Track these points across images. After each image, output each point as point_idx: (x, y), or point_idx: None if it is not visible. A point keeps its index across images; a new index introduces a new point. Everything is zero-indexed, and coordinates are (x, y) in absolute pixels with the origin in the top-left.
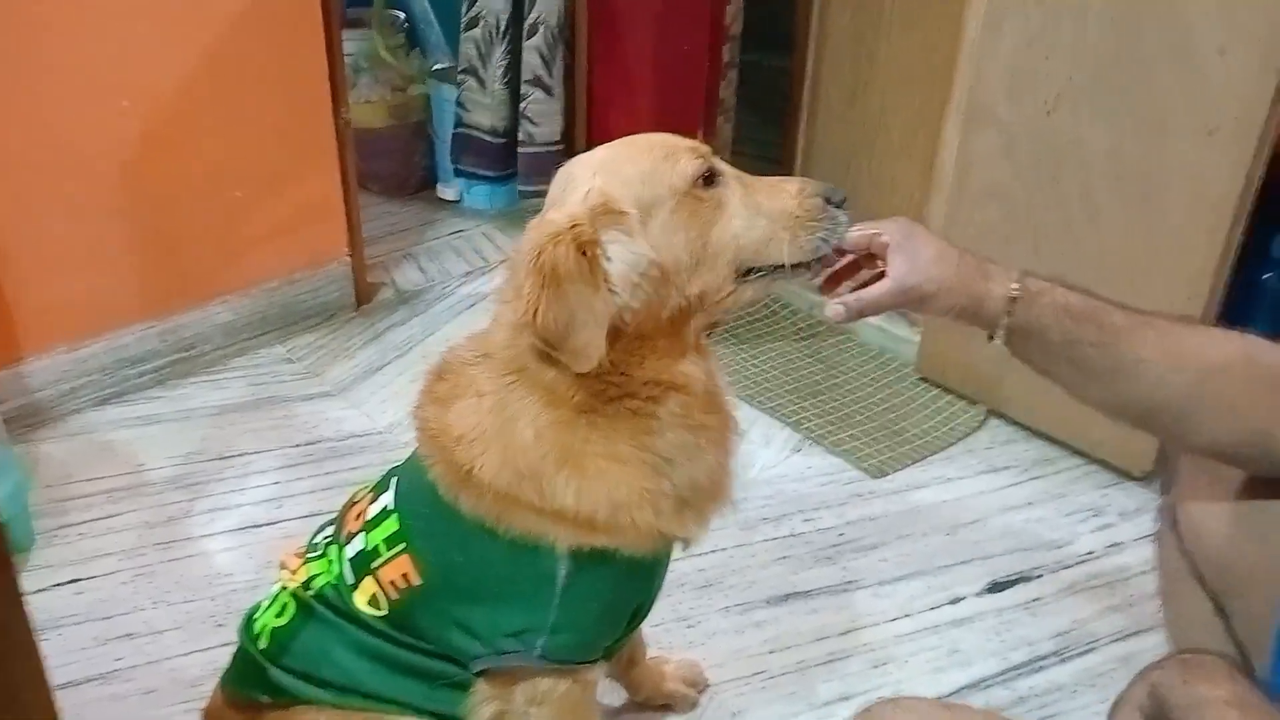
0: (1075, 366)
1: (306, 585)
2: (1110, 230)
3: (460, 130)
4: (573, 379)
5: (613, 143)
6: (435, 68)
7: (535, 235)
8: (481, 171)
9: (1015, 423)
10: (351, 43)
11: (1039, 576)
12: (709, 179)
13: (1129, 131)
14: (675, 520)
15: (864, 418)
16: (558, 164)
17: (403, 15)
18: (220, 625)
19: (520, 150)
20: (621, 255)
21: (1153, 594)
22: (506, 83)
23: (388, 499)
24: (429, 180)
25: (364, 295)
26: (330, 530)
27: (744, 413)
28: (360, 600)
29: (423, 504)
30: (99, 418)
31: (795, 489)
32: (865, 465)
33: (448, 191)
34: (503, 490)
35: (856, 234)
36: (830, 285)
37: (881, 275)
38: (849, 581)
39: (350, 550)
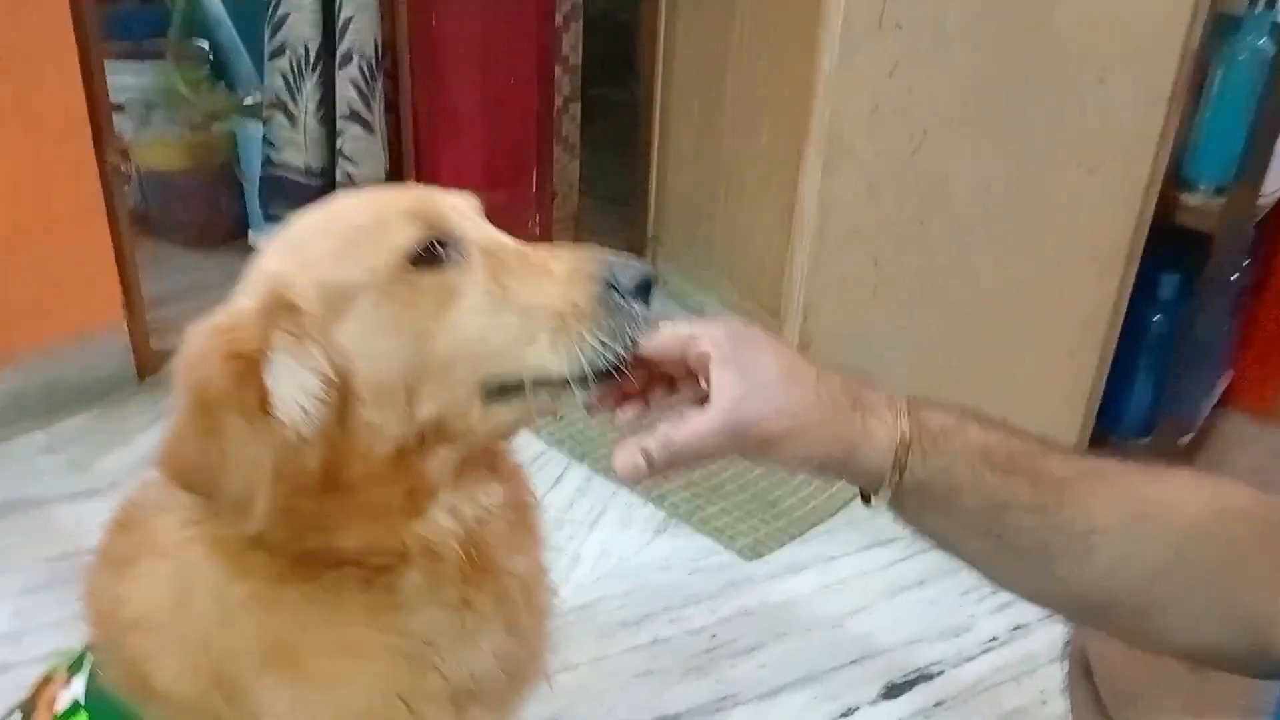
0: (998, 542)
1: None
2: (987, 276)
3: (270, 171)
4: (258, 538)
5: (330, 203)
6: (247, 102)
7: (189, 340)
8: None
9: None
10: (143, 76)
11: (939, 674)
12: (432, 256)
13: (1003, 168)
14: None
15: (735, 487)
16: None
17: (207, 45)
18: None
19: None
20: (289, 371)
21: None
22: (321, 118)
23: (79, 688)
24: (240, 228)
25: (147, 366)
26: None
27: (600, 487)
28: None
29: (111, 711)
30: None
31: (659, 581)
32: (737, 546)
33: (261, 240)
34: (190, 704)
35: (662, 338)
36: (629, 409)
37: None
38: (723, 697)
39: None
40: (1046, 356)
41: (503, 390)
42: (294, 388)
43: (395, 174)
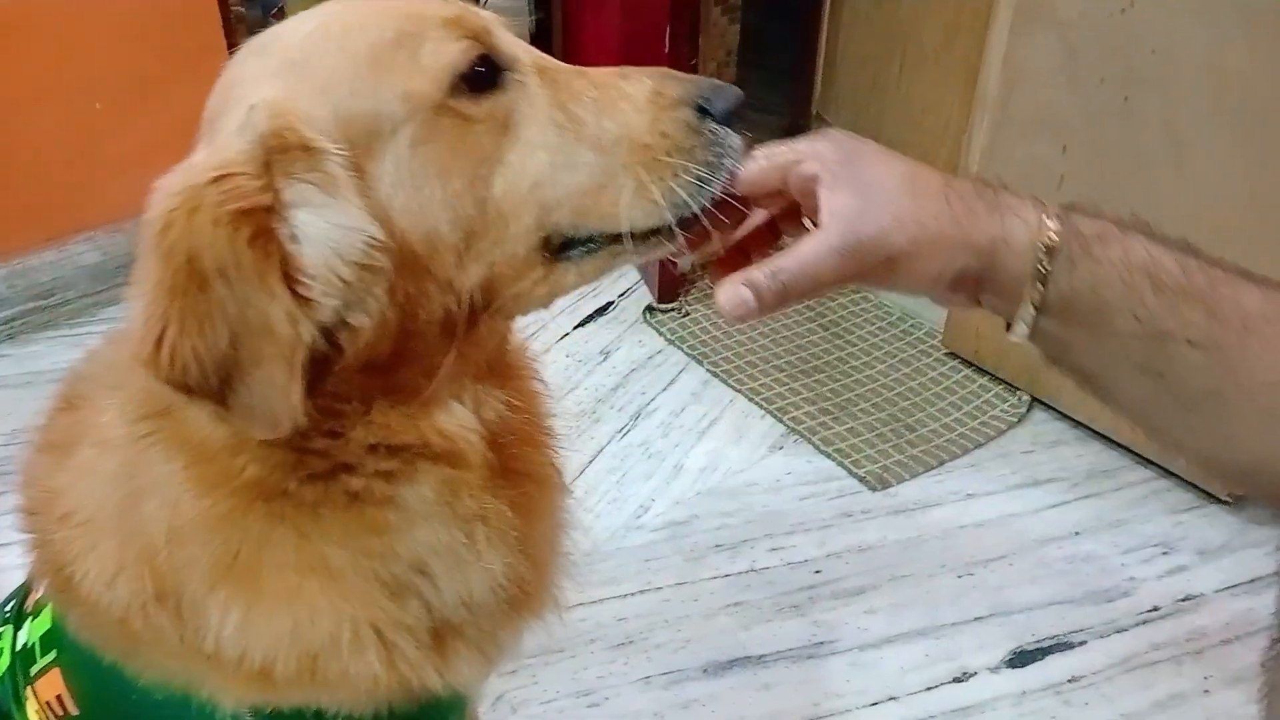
0: (1159, 382)
1: None
2: (1203, 174)
3: None
4: (244, 441)
5: (327, 8)
6: None
7: (164, 197)
8: None
9: (1066, 417)
10: None
11: (1081, 644)
12: (482, 77)
13: (1240, 35)
14: (431, 662)
15: (870, 405)
16: None
17: None
18: None
19: None
20: (317, 229)
21: (1241, 674)
22: None
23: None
24: None
25: None
26: (15, 600)
27: (714, 394)
28: (31, 714)
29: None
30: None
31: (766, 504)
32: (862, 472)
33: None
34: (116, 613)
35: (760, 166)
36: (722, 266)
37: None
38: (819, 643)
39: (20, 638)
40: (1274, 271)
41: (570, 243)
42: (327, 251)
43: (542, 35)
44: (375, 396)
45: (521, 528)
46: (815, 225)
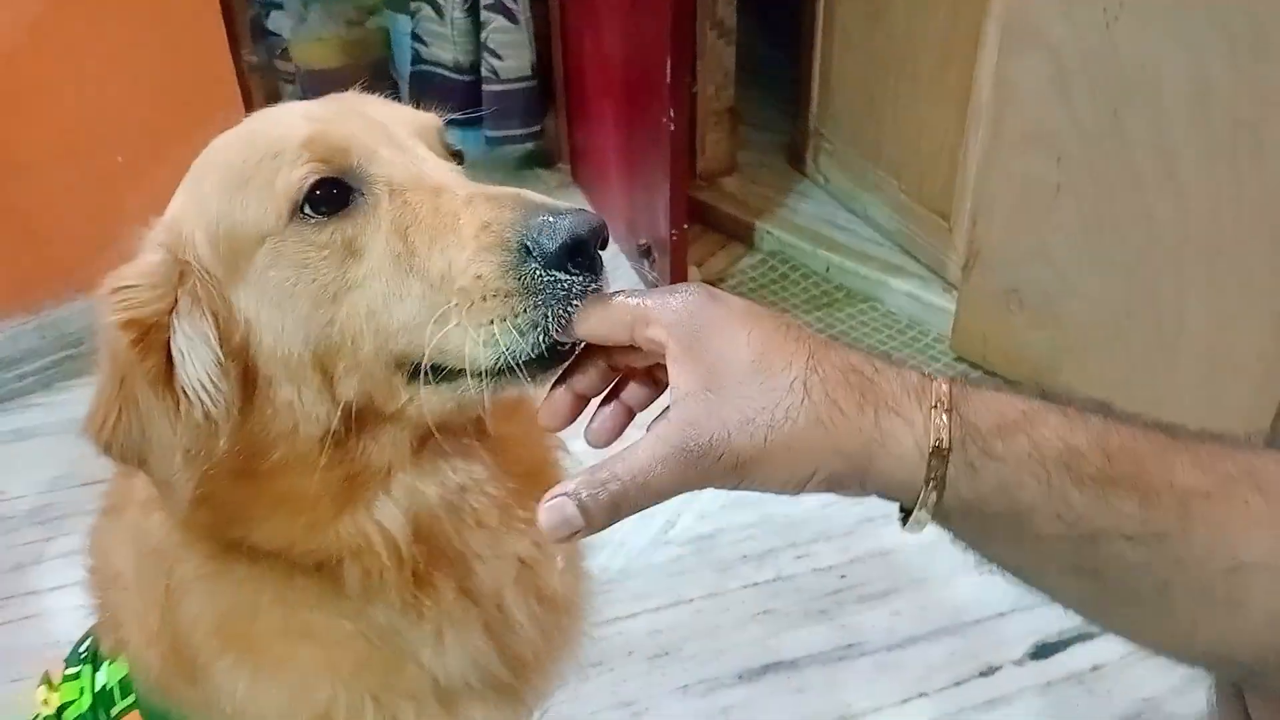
0: (1095, 580)
1: (60, 713)
2: (1192, 183)
3: (420, 67)
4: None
5: (248, 120)
6: None
7: (98, 298)
8: (447, 115)
9: None
10: None
11: (1101, 633)
12: (333, 200)
13: (1220, 50)
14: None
15: None
16: (528, 104)
17: None
18: None
19: (484, 88)
20: (186, 342)
21: None
22: (467, 9)
23: None
24: None
25: None
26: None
27: None
28: None
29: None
30: None
31: (788, 513)
32: None
33: None
34: (157, 671)
35: (603, 319)
36: (602, 418)
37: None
38: (848, 645)
39: (100, 679)
40: (1270, 279)
41: (430, 369)
42: (196, 361)
43: (542, 69)
44: (273, 503)
45: (485, 613)
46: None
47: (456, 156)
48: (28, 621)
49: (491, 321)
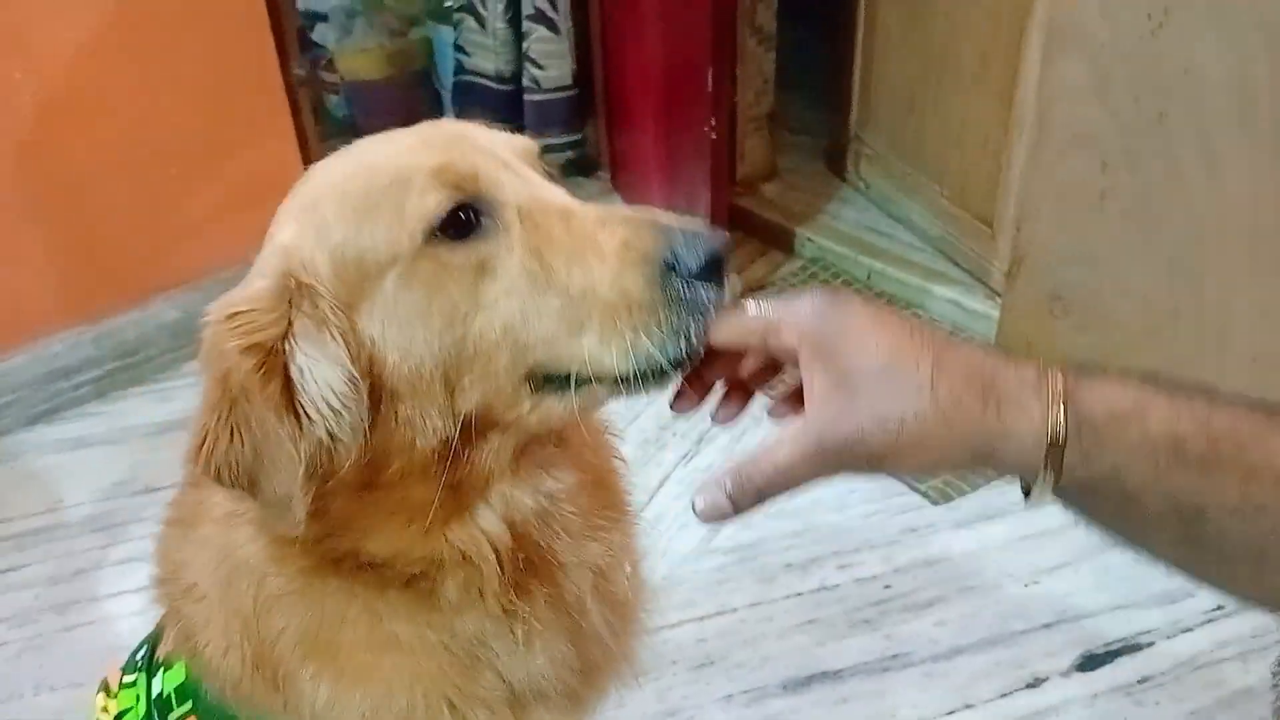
0: (1197, 547)
1: None
2: (1236, 186)
3: (462, 78)
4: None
5: (350, 151)
6: (446, 4)
7: (209, 325)
8: (489, 124)
9: None
10: None
11: (1149, 645)
12: (462, 224)
13: (1265, 53)
14: None
15: None
16: (569, 113)
17: None
18: None
19: (526, 98)
20: (313, 363)
21: None
22: (509, 20)
23: None
24: None
25: None
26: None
27: None
28: None
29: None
30: (27, 440)
31: (831, 522)
32: (924, 487)
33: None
34: (234, 681)
35: (736, 329)
36: (729, 406)
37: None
38: (893, 656)
39: (156, 686)
40: None
41: (555, 379)
42: (320, 381)
43: (583, 78)
44: (386, 514)
45: (568, 619)
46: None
47: (551, 177)
48: (89, 627)
49: (635, 331)
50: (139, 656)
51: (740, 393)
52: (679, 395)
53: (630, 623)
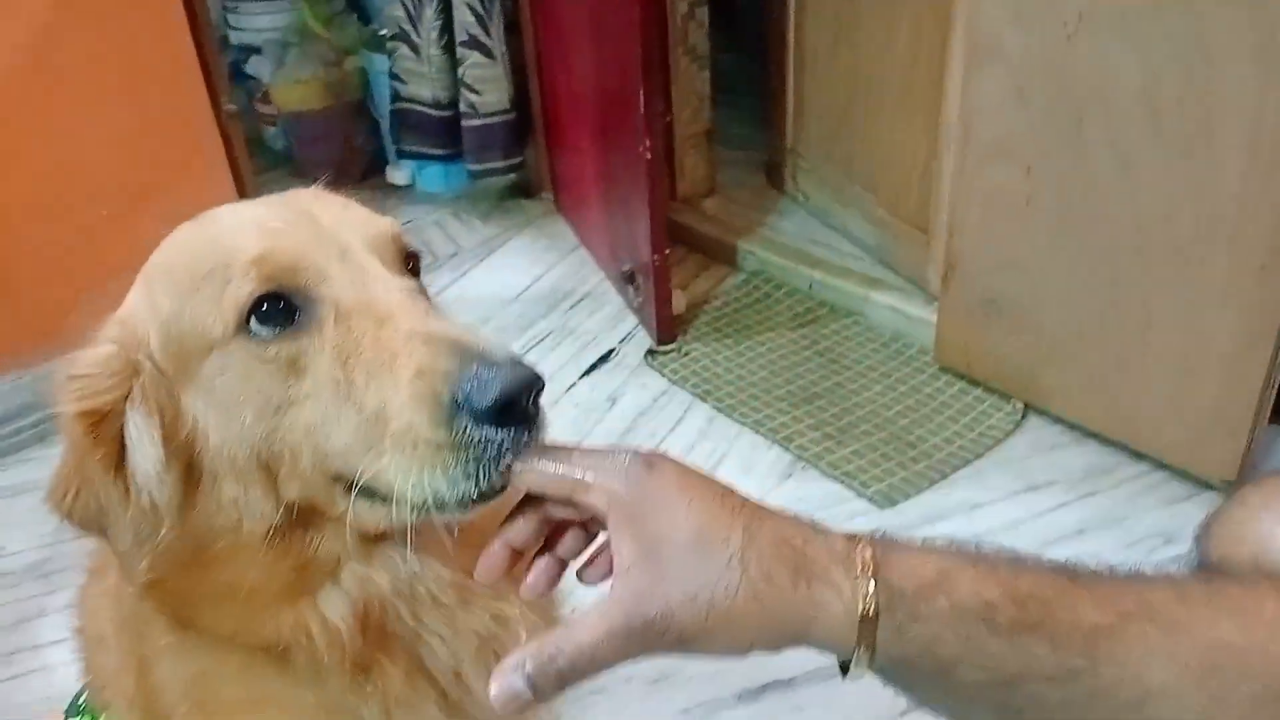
0: (1016, 716)
1: None
2: (1149, 188)
3: (399, 105)
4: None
5: (203, 218)
6: (381, 33)
7: (56, 382)
8: (428, 150)
9: (1060, 420)
10: (278, 16)
11: None
12: (280, 315)
13: (1172, 57)
14: None
15: (871, 426)
16: (508, 137)
17: None
18: None
19: (464, 123)
20: (133, 433)
21: None
22: (444, 46)
23: None
24: (377, 164)
25: None
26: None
27: (721, 429)
28: None
29: None
30: None
31: None
32: (870, 492)
33: (398, 175)
34: None
35: (542, 479)
36: (536, 570)
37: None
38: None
39: None
40: (1228, 276)
41: (368, 491)
42: (142, 453)
43: (520, 102)
44: (220, 592)
45: (440, 688)
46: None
47: (412, 259)
48: (30, 676)
49: (422, 465)
50: (81, 701)
51: (552, 564)
52: (483, 561)
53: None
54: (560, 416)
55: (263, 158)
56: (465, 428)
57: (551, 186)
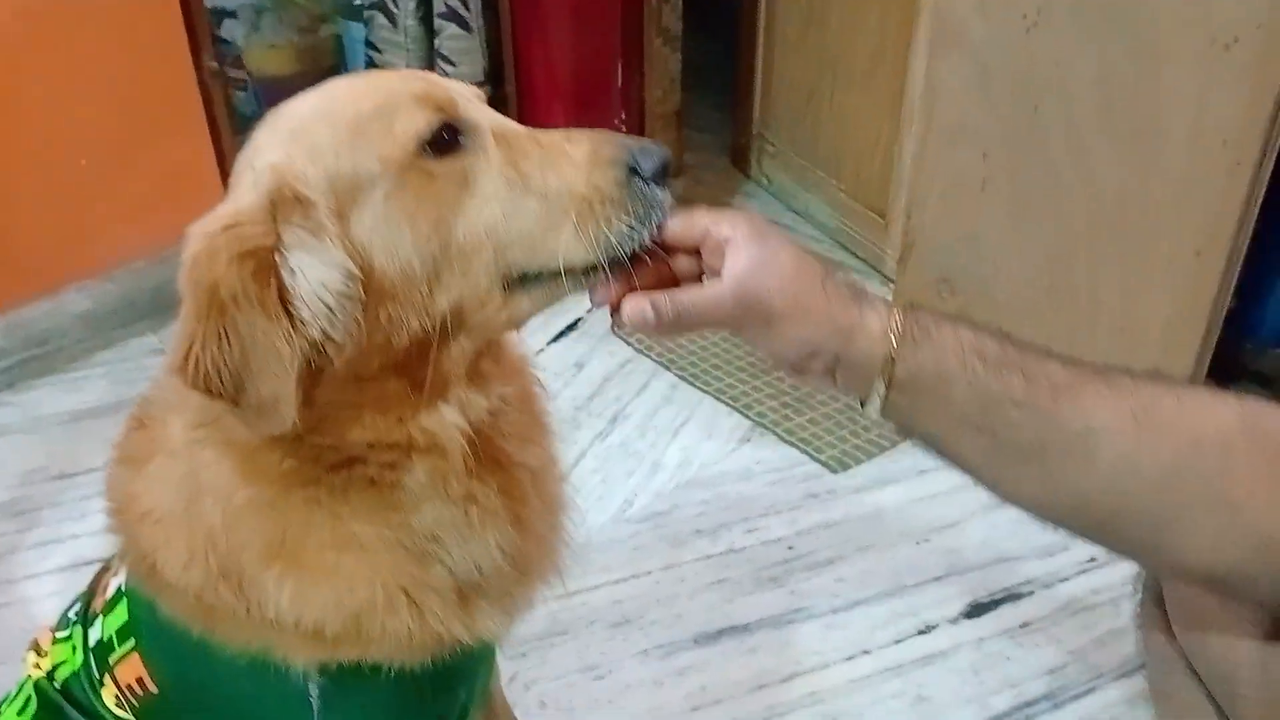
0: (993, 439)
1: (51, 675)
2: (1102, 173)
3: None
4: (278, 438)
5: (324, 88)
6: (356, 2)
7: (193, 240)
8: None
9: None
10: None
11: (1029, 594)
12: (445, 142)
13: (1124, 47)
14: (458, 618)
15: (826, 396)
16: None
17: None
18: None
19: None
20: (308, 267)
21: None
22: (420, 17)
23: (122, 576)
24: None
25: None
26: (79, 604)
27: (684, 396)
28: (109, 698)
29: (138, 597)
30: None
31: (739, 491)
32: (824, 457)
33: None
34: (195, 592)
35: (684, 222)
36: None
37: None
38: (797, 610)
39: (93, 635)
40: (1169, 257)
41: (524, 278)
42: (314, 283)
43: (495, 74)
44: (368, 404)
45: (513, 508)
46: (720, 264)
47: None
48: (5, 609)
49: (609, 219)
50: (72, 613)
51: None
52: (602, 292)
53: (560, 523)
54: None
55: (233, 122)
56: (639, 185)
57: None
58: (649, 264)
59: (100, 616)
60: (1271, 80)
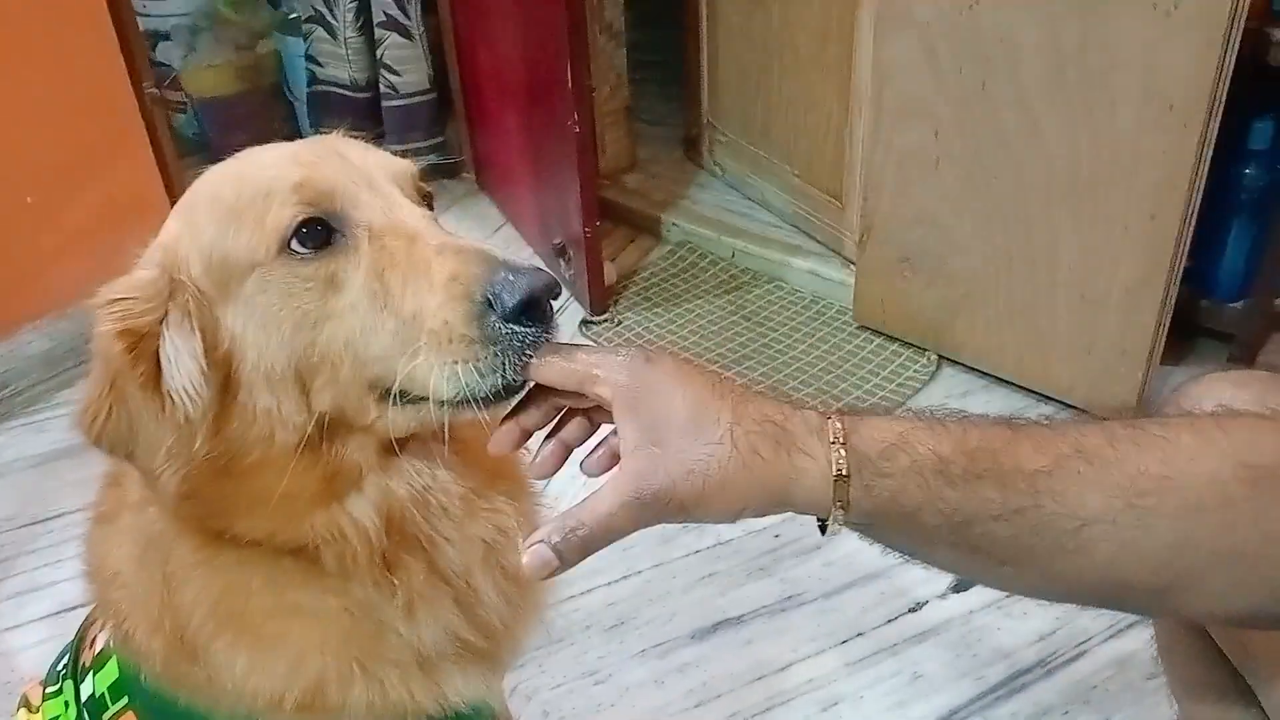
0: (975, 553)
1: None
2: (1054, 142)
3: (317, 88)
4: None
5: (242, 156)
6: (291, 16)
7: (94, 307)
8: (348, 133)
9: (972, 369)
10: (187, 1)
11: None
12: (316, 238)
13: (1070, 18)
14: (423, 688)
15: (798, 383)
16: (430, 117)
17: None
18: None
19: (384, 104)
20: (174, 351)
21: None
22: (360, 28)
23: (108, 632)
24: None
25: None
26: (68, 657)
27: None
28: None
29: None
30: None
31: None
32: None
33: None
34: (162, 660)
35: (554, 372)
36: (547, 452)
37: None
38: (789, 597)
39: (84, 690)
40: (1125, 222)
41: (401, 393)
42: (181, 369)
43: (440, 81)
44: (249, 498)
45: (453, 587)
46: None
47: (427, 198)
48: None
49: (455, 362)
50: (60, 666)
51: (558, 448)
52: (496, 437)
53: (528, 589)
54: None
55: (175, 145)
56: (494, 324)
57: (474, 166)
58: (536, 400)
59: (90, 672)
60: (1213, 41)
